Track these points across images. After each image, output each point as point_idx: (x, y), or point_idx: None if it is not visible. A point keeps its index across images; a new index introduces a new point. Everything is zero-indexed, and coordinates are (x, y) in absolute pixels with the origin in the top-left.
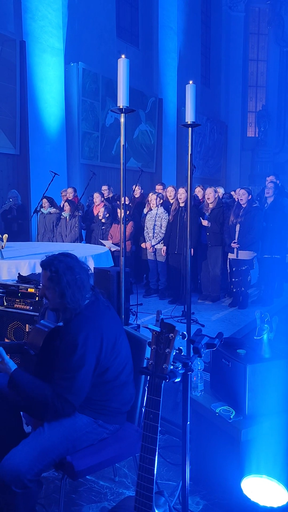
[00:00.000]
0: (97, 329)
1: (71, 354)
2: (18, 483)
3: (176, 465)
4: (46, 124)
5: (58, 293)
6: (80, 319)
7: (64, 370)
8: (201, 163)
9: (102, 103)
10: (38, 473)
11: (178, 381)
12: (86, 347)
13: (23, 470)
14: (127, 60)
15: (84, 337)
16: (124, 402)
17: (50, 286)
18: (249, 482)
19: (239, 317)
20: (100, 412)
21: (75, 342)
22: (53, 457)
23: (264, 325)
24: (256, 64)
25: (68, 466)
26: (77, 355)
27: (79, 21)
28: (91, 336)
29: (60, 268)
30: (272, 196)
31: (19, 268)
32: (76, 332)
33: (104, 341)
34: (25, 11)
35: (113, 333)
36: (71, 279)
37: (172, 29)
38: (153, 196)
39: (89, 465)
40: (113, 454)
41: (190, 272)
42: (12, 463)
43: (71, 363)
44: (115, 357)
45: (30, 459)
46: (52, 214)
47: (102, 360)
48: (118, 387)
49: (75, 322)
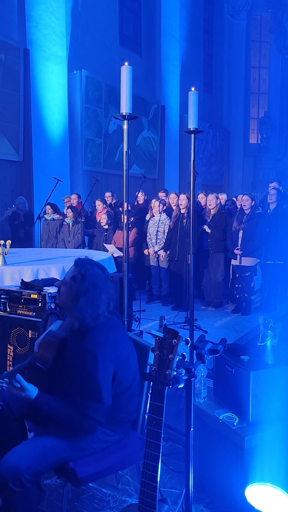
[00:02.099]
0: (114, 344)
1: (92, 373)
2: (16, 481)
3: (180, 472)
4: (50, 131)
5: (72, 295)
6: (96, 334)
7: (87, 390)
8: (204, 170)
9: (105, 110)
10: (37, 473)
11: (182, 388)
12: (106, 364)
13: (21, 468)
14: (130, 67)
15: (103, 354)
16: (130, 412)
17: (70, 284)
18: (253, 490)
19: (242, 323)
20: (108, 421)
21: (96, 361)
22: (53, 459)
23: (268, 331)
24: (258, 71)
25: (71, 472)
26: (99, 374)
27: (82, 29)
28: (110, 351)
29: (89, 275)
30: (275, 202)
31: (22, 274)
32: (95, 349)
33: (120, 356)
34: (29, 20)
35: (126, 345)
36: (90, 290)
37: (175, 37)
38: (156, 203)
39: (92, 472)
40: (116, 461)
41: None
42: (11, 460)
43: (93, 381)
44: (128, 370)
45: (29, 458)
46: (56, 221)
47: (118, 374)
48: (127, 398)
49: (91, 337)
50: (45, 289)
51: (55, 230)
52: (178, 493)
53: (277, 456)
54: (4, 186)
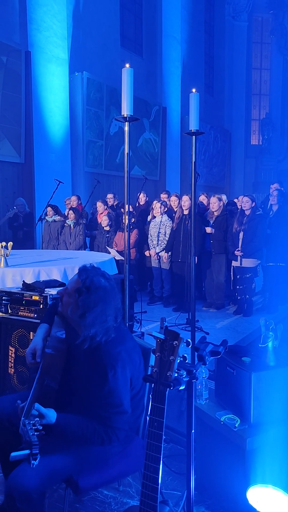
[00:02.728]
0: (128, 352)
1: (114, 385)
2: (23, 500)
3: (181, 474)
4: (51, 132)
5: (79, 311)
6: (111, 346)
7: (109, 402)
8: (205, 171)
9: (106, 112)
10: (44, 491)
11: (183, 389)
12: (124, 375)
13: (31, 488)
14: (131, 69)
15: (121, 365)
16: (137, 415)
17: (75, 297)
18: (255, 491)
19: (243, 324)
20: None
21: (115, 373)
22: (62, 477)
23: (269, 332)
24: (260, 73)
25: (73, 483)
26: (119, 384)
27: (84, 31)
28: (126, 361)
29: (94, 288)
30: (277, 204)
31: (24, 275)
32: (113, 362)
33: (135, 363)
34: (31, 22)
35: (138, 352)
36: (98, 305)
37: (176, 39)
38: (157, 204)
39: (94, 483)
40: (119, 471)
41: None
42: (20, 480)
43: (115, 394)
44: (139, 374)
45: (39, 478)
46: (57, 222)
47: (133, 381)
48: (135, 401)
49: (107, 350)
50: (47, 290)
51: (56, 231)
52: (179, 495)
53: (278, 458)
54: (5, 188)
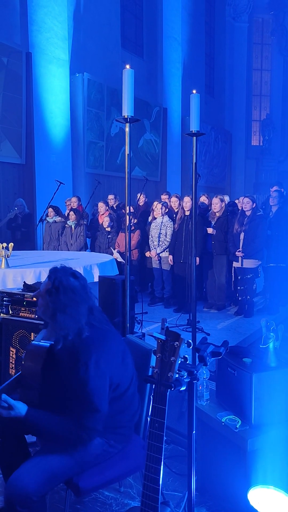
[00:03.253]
0: (105, 351)
1: (85, 382)
2: (24, 504)
3: (182, 475)
4: (52, 133)
5: (49, 312)
6: (86, 345)
7: (81, 400)
8: (206, 172)
9: (107, 113)
10: (44, 494)
11: (184, 390)
12: (99, 372)
13: (30, 492)
14: (132, 70)
15: (95, 362)
16: (133, 412)
17: (46, 298)
18: (256, 493)
19: (245, 325)
20: (112, 431)
21: (88, 370)
22: (61, 480)
23: (270, 333)
24: (260, 74)
25: (74, 485)
26: (91, 382)
27: (84, 32)
28: (102, 360)
29: (63, 288)
30: (277, 205)
31: (25, 276)
32: (86, 359)
33: (113, 361)
34: (31, 24)
35: (119, 349)
36: (67, 305)
37: (176, 40)
38: (158, 205)
39: (95, 485)
40: (119, 472)
41: (195, 280)
42: (19, 484)
43: (87, 391)
44: (124, 372)
45: (39, 482)
46: (58, 223)
47: (114, 378)
48: (128, 399)
49: (81, 349)
50: None
51: (57, 232)
52: (180, 496)
53: (280, 459)
54: (6, 189)
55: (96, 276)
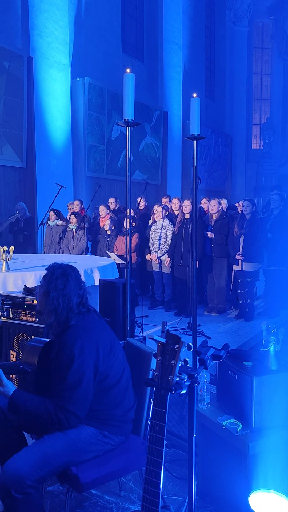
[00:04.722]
0: (92, 337)
1: (69, 365)
2: (18, 488)
3: (183, 479)
4: (53, 137)
5: (43, 292)
6: (73, 330)
7: (64, 382)
8: (206, 175)
9: (108, 116)
10: (39, 480)
11: (184, 394)
12: (83, 356)
13: (24, 474)
14: (132, 74)
15: (80, 347)
16: (127, 408)
17: (42, 284)
18: (257, 497)
19: (245, 329)
20: (105, 422)
21: (72, 353)
22: (55, 465)
23: (271, 337)
24: (260, 78)
25: (74, 478)
26: (75, 365)
27: (85, 37)
28: (87, 344)
29: (57, 271)
30: (278, 208)
31: (25, 280)
32: (71, 343)
33: (100, 348)
34: (33, 28)
35: (107, 339)
36: (59, 284)
37: (177, 44)
38: (158, 208)
39: (95, 477)
40: (119, 466)
41: (195, 283)
42: (12, 467)
43: (70, 374)
44: (113, 363)
45: (31, 464)
46: (59, 226)
47: (100, 367)
48: (120, 393)
49: (69, 333)
50: None
51: (58, 236)
52: (181, 500)
53: (280, 463)
54: (7, 193)
55: (96, 280)
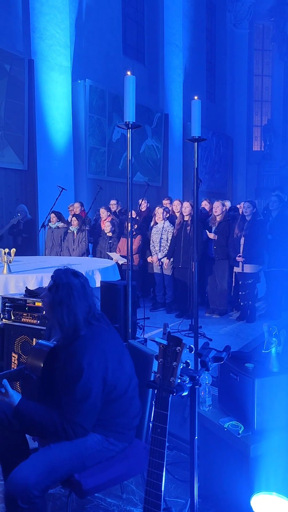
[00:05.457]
0: (101, 350)
1: (77, 378)
2: (25, 498)
3: (185, 481)
4: (54, 140)
5: (49, 306)
6: (82, 342)
7: (71, 395)
8: (207, 177)
9: (109, 119)
10: (45, 489)
11: (186, 396)
12: (91, 370)
13: (31, 484)
14: (133, 76)
15: (88, 361)
16: (133, 416)
17: (47, 295)
18: (259, 499)
19: (247, 330)
20: (111, 429)
21: (81, 366)
22: (61, 473)
23: (272, 338)
24: (261, 79)
25: (76, 484)
26: (83, 379)
27: (86, 39)
28: (96, 358)
29: (62, 284)
30: (276, 210)
31: (27, 282)
32: (80, 356)
33: (109, 361)
34: (34, 31)
35: (117, 351)
36: (64, 300)
37: (178, 46)
38: (159, 210)
39: (97, 484)
40: (122, 471)
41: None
42: (19, 476)
43: (78, 387)
44: (121, 374)
45: (38, 474)
46: (60, 229)
47: (109, 380)
48: (126, 402)
49: (78, 344)
50: None
51: (59, 238)
52: (183, 502)
53: (282, 465)
54: (9, 195)
55: (98, 281)
